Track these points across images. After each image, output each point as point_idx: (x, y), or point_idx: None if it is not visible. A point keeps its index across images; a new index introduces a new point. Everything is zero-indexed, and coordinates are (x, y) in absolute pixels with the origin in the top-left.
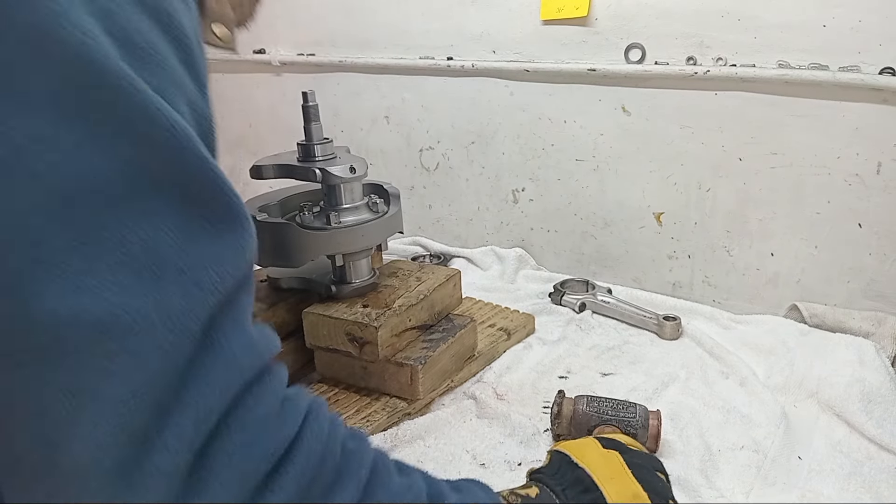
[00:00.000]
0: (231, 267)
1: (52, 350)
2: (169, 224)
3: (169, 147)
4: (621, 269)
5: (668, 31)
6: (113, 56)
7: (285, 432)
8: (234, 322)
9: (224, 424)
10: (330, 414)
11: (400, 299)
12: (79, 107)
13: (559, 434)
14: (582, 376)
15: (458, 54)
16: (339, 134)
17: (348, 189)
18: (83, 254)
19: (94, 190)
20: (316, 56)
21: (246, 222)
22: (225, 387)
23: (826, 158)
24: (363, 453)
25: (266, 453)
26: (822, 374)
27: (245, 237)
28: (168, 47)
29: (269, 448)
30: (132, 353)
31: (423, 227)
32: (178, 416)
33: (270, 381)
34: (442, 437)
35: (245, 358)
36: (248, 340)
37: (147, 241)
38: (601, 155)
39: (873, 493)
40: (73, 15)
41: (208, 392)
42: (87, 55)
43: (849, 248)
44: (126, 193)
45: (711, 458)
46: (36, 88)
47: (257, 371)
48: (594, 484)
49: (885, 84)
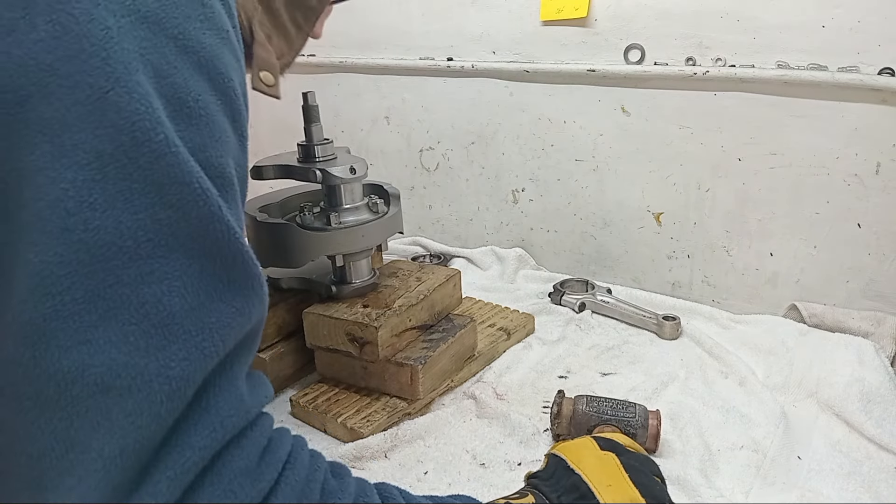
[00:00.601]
0: (236, 331)
1: (53, 399)
2: (186, 286)
3: (199, 213)
4: (621, 269)
5: (667, 32)
6: (160, 119)
7: (262, 485)
8: (228, 381)
9: (201, 479)
10: (310, 456)
11: (400, 299)
12: (118, 167)
13: (559, 434)
14: (581, 376)
15: (458, 55)
16: (340, 134)
17: (348, 189)
18: (98, 308)
19: (119, 247)
20: (316, 57)
21: (261, 289)
22: (207, 446)
23: (825, 159)
24: (344, 491)
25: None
26: (821, 373)
27: (255, 303)
28: (218, 105)
29: (244, 500)
30: (128, 413)
31: (423, 228)
32: (158, 474)
33: (252, 434)
34: (442, 437)
35: (232, 417)
36: (238, 399)
37: (162, 301)
38: (601, 155)
39: (873, 493)
40: (129, 78)
41: (190, 454)
42: (136, 119)
43: (848, 248)
44: (149, 253)
45: (711, 457)
46: (84, 144)
47: (242, 427)
48: (590, 491)
49: (884, 84)
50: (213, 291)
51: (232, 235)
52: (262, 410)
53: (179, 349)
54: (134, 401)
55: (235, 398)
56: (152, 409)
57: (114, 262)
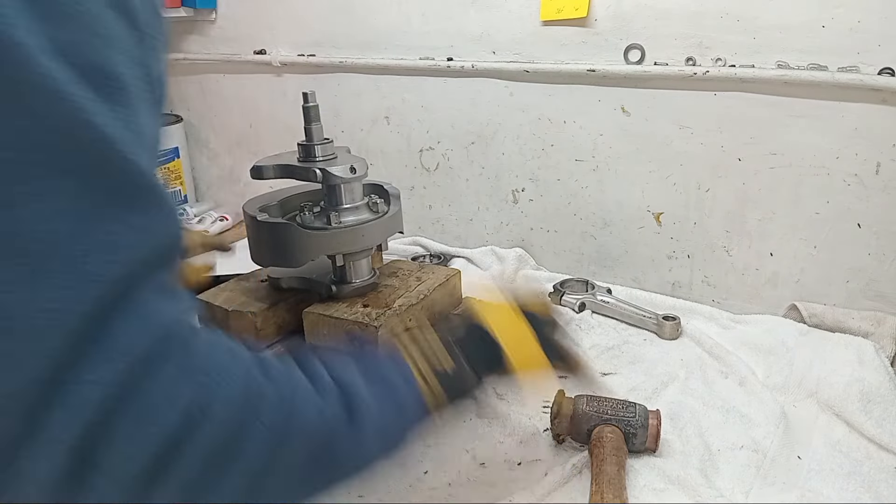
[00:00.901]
0: (136, 251)
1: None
2: (62, 207)
3: (64, 121)
4: (621, 269)
5: (667, 32)
6: (4, 14)
7: (188, 407)
8: (133, 305)
9: (111, 412)
10: (243, 366)
11: (400, 299)
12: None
13: (559, 434)
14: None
15: (457, 55)
16: (340, 134)
17: (348, 189)
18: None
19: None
20: (316, 57)
21: (164, 203)
22: (109, 379)
23: (825, 159)
24: (280, 390)
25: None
26: (821, 373)
27: (158, 218)
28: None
29: (167, 427)
30: (9, 354)
31: (423, 227)
32: (56, 415)
33: (171, 353)
34: (442, 436)
35: (139, 342)
36: (145, 321)
37: (37, 225)
38: (601, 155)
39: (872, 493)
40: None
41: (89, 390)
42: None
43: (848, 248)
44: (14, 171)
45: (711, 457)
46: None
47: (156, 349)
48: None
49: (884, 84)
50: (99, 210)
51: (111, 146)
52: (183, 326)
53: (63, 277)
54: (16, 340)
55: (142, 321)
56: (39, 347)
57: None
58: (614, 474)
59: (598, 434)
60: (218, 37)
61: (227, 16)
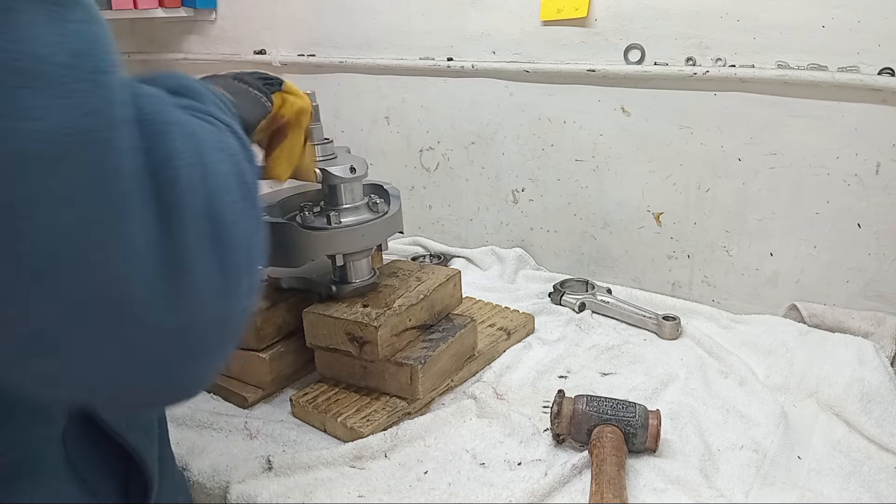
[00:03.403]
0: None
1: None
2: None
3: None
4: (621, 269)
5: (667, 32)
6: None
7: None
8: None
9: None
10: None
11: (400, 299)
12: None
13: (559, 434)
14: (581, 376)
15: (458, 55)
16: (340, 134)
17: (348, 189)
18: None
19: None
20: (316, 56)
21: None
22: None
23: (825, 159)
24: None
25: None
26: (821, 373)
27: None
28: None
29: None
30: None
31: (423, 227)
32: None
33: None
34: (442, 436)
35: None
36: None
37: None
38: (601, 155)
39: (873, 493)
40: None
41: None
42: None
43: (848, 248)
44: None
45: (711, 457)
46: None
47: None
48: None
49: (883, 84)
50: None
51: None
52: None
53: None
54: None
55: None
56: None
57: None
58: (614, 474)
59: (598, 434)
60: (218, 37)
61: (227, 16)
